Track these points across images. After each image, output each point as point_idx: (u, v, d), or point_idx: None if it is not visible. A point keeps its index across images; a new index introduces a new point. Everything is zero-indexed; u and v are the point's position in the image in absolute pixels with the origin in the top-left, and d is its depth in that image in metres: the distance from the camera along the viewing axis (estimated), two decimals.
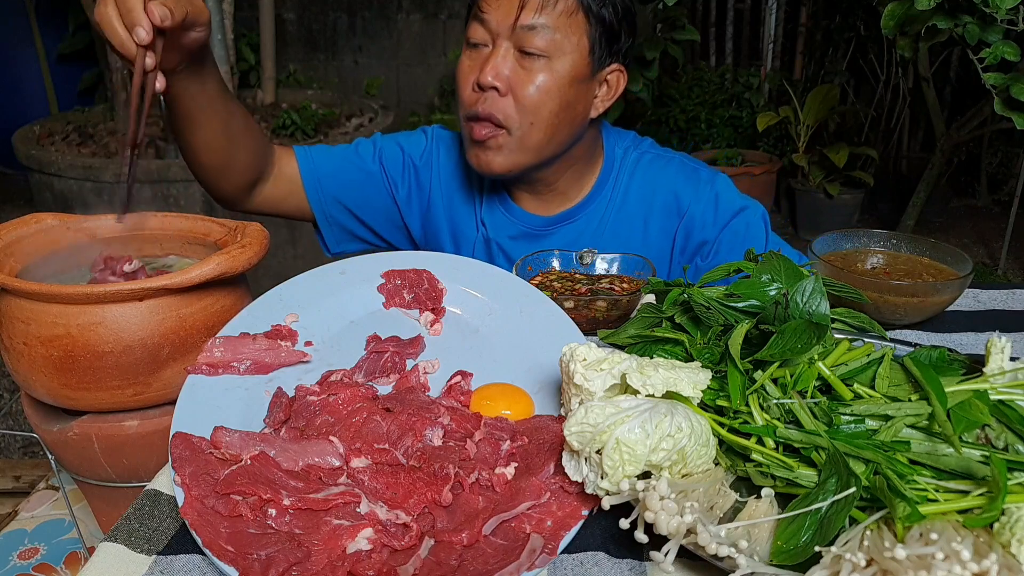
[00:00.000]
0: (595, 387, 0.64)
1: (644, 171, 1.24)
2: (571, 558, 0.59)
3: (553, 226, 1.25)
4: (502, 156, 1.11)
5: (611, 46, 1.11)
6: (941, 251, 0.99)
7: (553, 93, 1.07)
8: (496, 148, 1.10)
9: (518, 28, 1.04)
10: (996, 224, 4.01)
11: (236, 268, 0.77)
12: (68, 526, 1.06)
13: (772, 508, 0.58)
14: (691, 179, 1.22)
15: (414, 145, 1.30)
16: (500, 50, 1.06)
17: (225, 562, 0.56)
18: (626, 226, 1.24)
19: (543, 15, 1.04)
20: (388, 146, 1.29)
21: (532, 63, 1.06)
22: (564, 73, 1.07)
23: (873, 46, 4.11)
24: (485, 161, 1.12)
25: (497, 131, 1.09)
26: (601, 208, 1.24)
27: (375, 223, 1.31)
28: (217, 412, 0.71)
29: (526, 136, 1.09)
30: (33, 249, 0.84)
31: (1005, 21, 1.74)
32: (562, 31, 1.05)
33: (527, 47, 1.05)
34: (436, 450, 0.67)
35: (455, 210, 1.29)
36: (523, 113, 1.07)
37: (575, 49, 1.07)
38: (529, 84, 1.06)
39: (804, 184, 4.04)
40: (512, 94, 1.07)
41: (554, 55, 1.06)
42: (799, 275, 0.75)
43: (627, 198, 1.24)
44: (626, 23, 1.11)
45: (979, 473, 0.55)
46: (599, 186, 1.24)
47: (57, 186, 3.04)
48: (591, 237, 1.24)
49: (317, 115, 3.62)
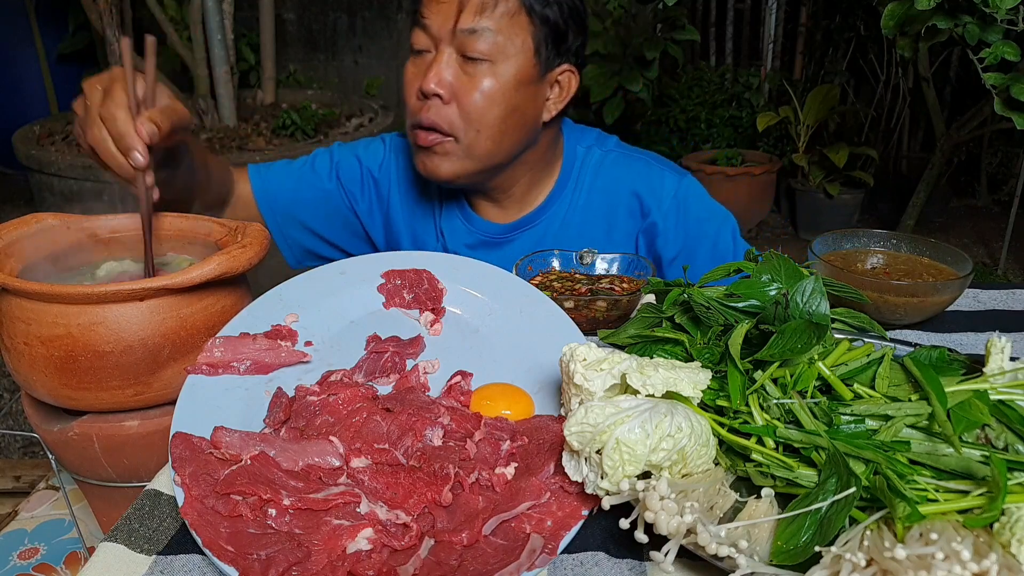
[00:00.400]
0: (595, 387, 0.64)
1: (608, 171, 1.20)
2: (571, 558, 0.59)
3: (512, 232, 1.21)
4: (449, 162, 1.08)
5: (559, 46, 1.07)
6: (941, 251, 0.99)
7: (498, 99, 1.03)
8: (443, 154, 1.07)
9: (459, 32, 1.01)
10: (996, 224, 4.02)
11: (236, 268, 0.77)
12: (68, 526, 1.06)
13: (772, 508, 0.58)
14: (656, 183, 1.18)
15: (372, 156, 1.27)
16: (442, 56, 1.03)
17: (225, 562, 0.56)
18: (590, 227, 1.21)
19: (484, 18, 1.00)
20: (345, 159, 1.26)
21: (475, 68, 1.02)
22: (509, 77, 1.03)
23: (873, 46, 4.11)
24: (432, 167, 1.09)
25: (443, 138, 1.06)
26: (562, 211, 1.20)
27: (336, 238, 1.29)
28: (217, 412, 0.71)
29: (473, 144, 1.06)
30: (33, 249, 0.84)
31: (1005, 21, 1.74)
32: (505, 33, 1.01)
33: (469, 52, 1.01)
34: (436, 450, 0.67)
35: (415, 219, 1.26)
36: (468, 120, 1.04)
37: (520, 51, 1.03)
38: (473, 91, 1.03)
39: (804, 184, 4.04)
40: (456, 101, 1.04)
41: (498, 59, 1.02)
42: (799, 275, 0.75)
43: (590, 199, 1.20)
44: (573, 21, 1.07)
45: (979, 473, 0.55)
46: (558, 188, 1.20)
47: (57, 186, 3.04)
48: (553, 240, 1.21)
49: (317, 115, 3.62)
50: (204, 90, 3.54)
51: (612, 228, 1.20)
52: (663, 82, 4.23)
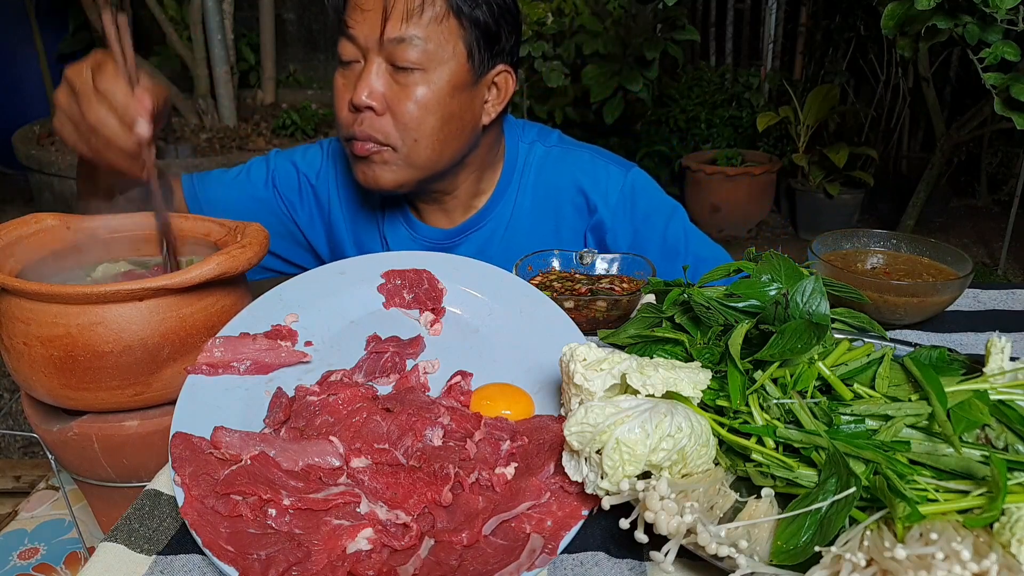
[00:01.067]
0: (595, 387, 0.64)
1: (552, 167, 1.17)
2: (571, 558, 0.59)
3: (458, 237, 1.19)
4: (389, 171, 1.04)
5: (492, 48, 1.03)
6: (941, 251, 0.99)
7: (433, 107, 1.00)
8: (381, 163, 1.04)
9: (386, 42, 0.97)
10: (996, 224, 4.02)
11: (236, 268, 0.77)
12: (68, 526, 1.06)
13: (772, 508, 0.58)
14: (602, 178, 1.15)
15: (309, 163, 1.23)
16: (372, 66, 0.99)
17: (225, 562, 0.56)
18: (537, 226, 1.18)
19: (411, 25, 0.96)
20: (282, 166, 1.22)
21: (407, 78, 0.99)
22: (443, 84, 1.00)
23: (873, 46, 4.11)
24: (372, 177, 1.05)
25: (381, 147, 1.03)
26: (507, 211, 1.18)
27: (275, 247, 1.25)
28: (217, 412, 0.71)
29: (412, 153, 1.03)
30: (33, 249, 0.84)
31: (1005, 21, 1.74)
32: (434, 40, 0.98)
33: (399, 61, 0.98)
34: (436, 450, 0.67)
35: (359, 227, 1.23)
36: (404, 131, 1.01)
37: (452, 57, 1.00)
38: (407, 100, 0.99)
39: (804, 184, 4.04)
40: (390, 112, 1.00)
41: (429, 67, 0.99)
42: (799, 275, 0.75)
43: (535, 197, 1.17)
44: (505, 21, 1.03)
45: (979, 473, 0.55)
46: (501, 188, 1.17)
47: (57, 186, 3.04)
48: (500, 242, 1.18)
49: (317, 115, 3.62)
50: (204, 90, 3.54)
51: (559, 226, 1.18)
52: (663, 82, 4.23)
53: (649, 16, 3.71)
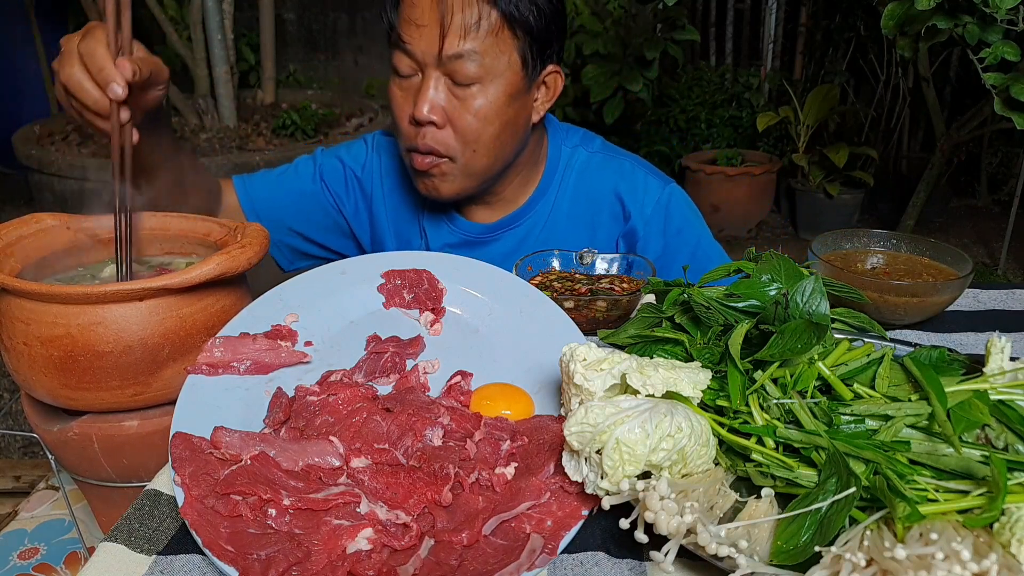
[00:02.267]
0: (595, 387, 0.64)
1: (593, 172, 1.20)
2: (571, 558, 0.59)
3: (495, 232, 1.21)
4: (448, 183, 1.08)
5: (543, 52, 1.06)
6: (941, 251, 0.99)
7: (492, 118, 1.03)
8: (441, 175, 1.07)
9: (445, 58, 0.99)
10: (996, 224, 4.02)
11: (236, 268, 0.77)
12: (68, 526, 1.06)
13: (772, 508, 0.58)
14: (640, 188, 1.18)
15: (354, 157, 1.27)
16: (430, 81, 1.01)
17: (225, 562, 0.56)
18: (573, 228, 1.20)
19: (468, 40, 0.98)
20: (328, 162, 1.26)
21: (465, 91, 1.01)
22: (500, 94, 1.02)
23: (873, 46, 4.11)
24: (433, 188, 1.10)
25: (440, 160, 1.06)
26: (546, 210, 1.20)
27: (323, 238, 1.29)
28: (217, 412, 0.71)
29: (470, 162, 1.06)
30: (33, 249, 0.84)
31: (1005, 21, 1.74)
32: (491, 54, 1.00)
33: (458, 77, 1.00)
34: (436, 450, 0.67)
35: (400, 217, 1.26)
36: (464, 142, 1.04)
37: (507, 68, 1.02)
38: (466, 114, 1.02)
39: (804, 184, 4.04)
40: (450, 125, 1.03)
41: (487, 79, 1.01)
42: (799, 275, 0.75)
43: (575, 199, 1.20)
44: (555, 25, 1.05)
45: (979, 473, 0.55)
46: (542, 188, 1.20)
47: (57, 186, 3.04)
48: (536, 240, 1.21)
49: (317, 115, 3.62)
50: (204, 90, 3.54)
51: (595, 230, 1.20)
52: (663, 82, 4.23)
53: (649, 16, 3.71)
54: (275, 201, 1.23)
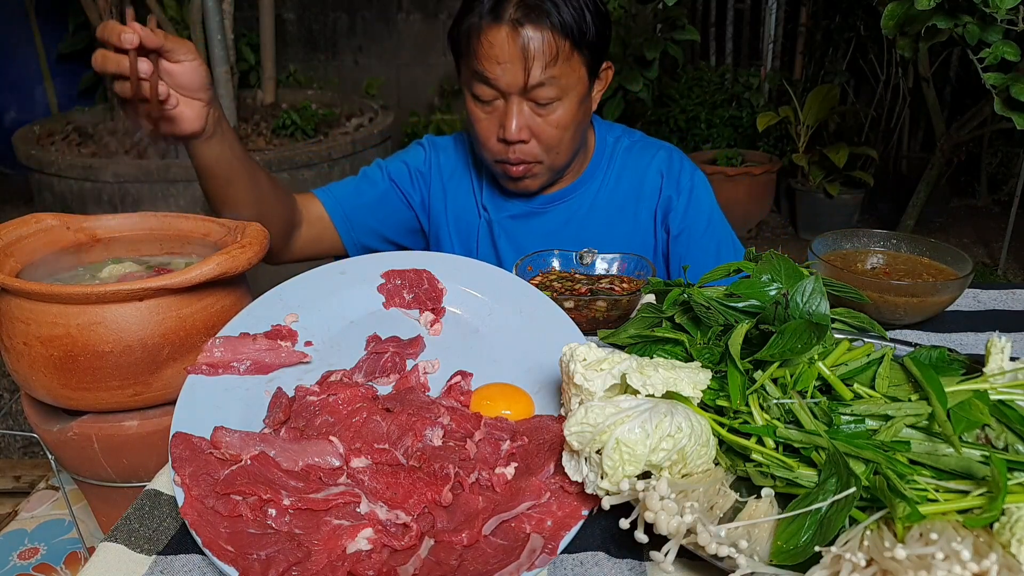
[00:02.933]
0: (595, 387, 0.64)
1: (637, 155, 1.35)
2: (571, 558, 0.59)
3: (550, 204, 1.34)
4: (537, 181, 1.24)
5: (600, 57, 1.19)
6: (941, 251, 0.99)
7: (568, 124, 1.17)
8: (532, 176, 1.23)
9: (528, 88, 1.11)
10: (996, 224, 4.01)
11: (236, 268, 0.77)
12: (68, 526, 1.06)
13: (772, 508, 0.58)
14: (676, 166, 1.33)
15: (415, 157, 1.40)
16: (514, 106, 1.14)
17: (225, 562, 0.56)
18: (618, 208, 1.34)
19: (548, 71, 1.11)
20: (394, 165, 1.38)
21: (546, 109, 1.15)
22: (574, 104, 1.16)
23: (873, 46, 4.11)
24: (523, 187, 1.25)
25: (531, 165, 1.21)
26: (594, 189, 1.34)
27: (399, 237, 1.41)
28: (217, 412, 0.71)
29: (555, 162, 1.22)
30: (33, 249, 0.84)
31: (1005, 21, 1.74)
32: (566, 75, 1.13)
33: (541, 100, 1.13)
34: (436, 450, 0.67)
35: (457, 202, 1.38)
36: (549, 150, 1.19)
37: (579, 82, 1.16)
38: (548, 127, 1.16)
39: (804, 184, 4.04)
40: (535, 139, 1.17)
41: (564, 96, 1.15)
42: (799, 275, 0.75)
43: (620, 182, 1.34)
44: (607, 32, 1.18)
45: (979, 473, 0.55)
46: (592, 168, 1.34)
47: (57, 186, 3.04)
48: (584, 217, 1.34)
49: (317, 115, 3.61)
50: None
51: (639, 211, 1.34)
52: (663, 82, 4.23)
53: (649, 16, 3.71)
54: (360, 207, 1.33)
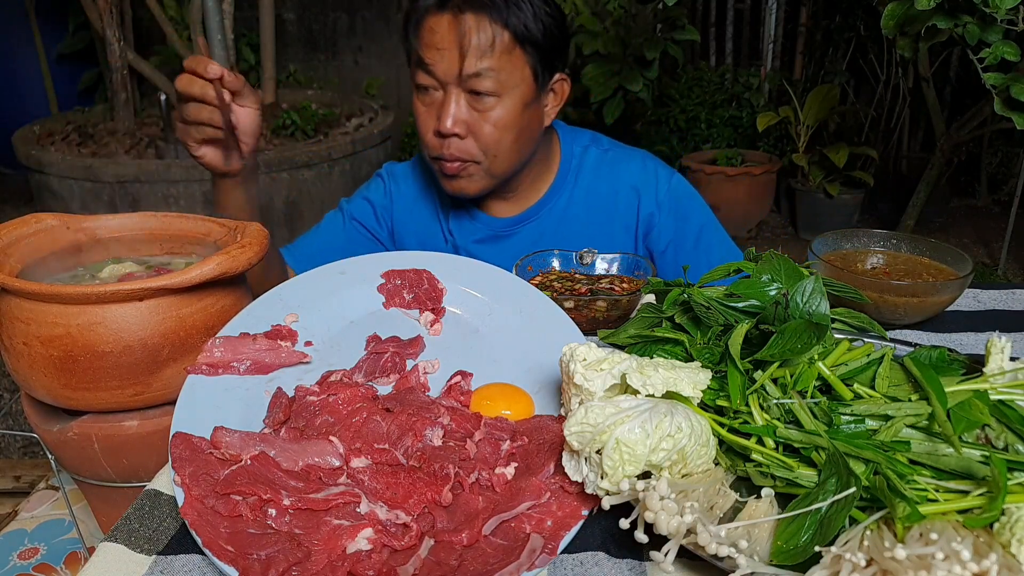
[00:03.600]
0: (595, 387, 0.64)
1: (608, 168, 1.31)
2: (571, 558, 0.59)
3: (516, 226, 1.31)
4: (474, 183, 1.19)
5: (551, 63, 1.16)
6: (941, 251, 0.99)
7: (510, 126, 1.13)
8: (468, 176, 1.18)
9: (464, 77, 1.09)
10: (996, 224, 4.02)
11: (236, 268, 0.77)
12: (68, 526, 1.06)
13: (772, 508, 0.58)
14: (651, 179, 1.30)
15: (375, 191, 1.39)
16: (451, 97, 1.11)
17: (225, 562, 0.56)
18: (589, 225, 1.30)
19: (484, 60, 1.08)
20: (356, 204, 1.38)
21: (484, 104, 1.11)
22: (516, 105, 1.12)
23: (873, 46, 4.11)
24: (459, 187, 1.20)
25: (466, 164, 1.17)
26: (562, 204, 1.30)
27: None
28: (217, 412, 0.71)
29: (493, 165, 1.17)
30: (33, 249, 0.84)
31: (1005, 21, 1.74)
32: (506, 70, 1.10)
33: (477, 90, 1.10)
34: (436, 450, 0.67)
35: (422, 228, 1.37)
36: (486, 149, 1.15)
37: (521, 81, 1.12)
38: (485, 124, 1.12)
39: (804, 184, 4.04)
40: (472, 135, 1.14)
41: (503, 92, 1.11)
42: (799, 275, 0.75)
43: (592, 194, 1.30)
44: (560, 36, 1.15)
45: (979, 473, 0.55)
46: (558, 183, 1.30)
47: (57, 186, 3.04)
48: (555, 231, 1.30)
49: (317, 115, 3.61)
50: None
51: (612, 220, 1.30)
52: (663, 82, 4.23)
53: (649, 16, 3.71)
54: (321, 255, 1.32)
